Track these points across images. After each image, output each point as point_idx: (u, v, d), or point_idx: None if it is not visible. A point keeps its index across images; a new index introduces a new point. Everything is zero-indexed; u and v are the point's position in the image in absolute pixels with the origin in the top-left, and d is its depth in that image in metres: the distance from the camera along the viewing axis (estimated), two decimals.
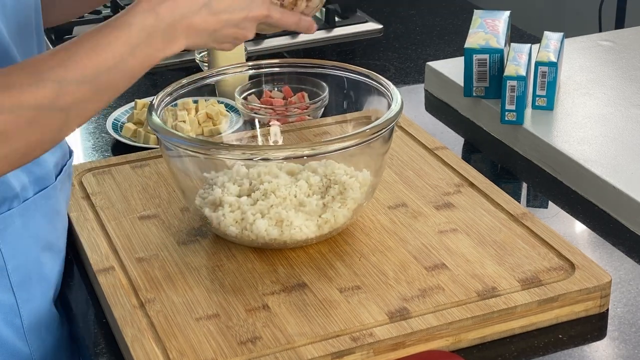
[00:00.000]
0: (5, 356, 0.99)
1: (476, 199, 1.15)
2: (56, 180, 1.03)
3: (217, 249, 1.07)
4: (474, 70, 1.36)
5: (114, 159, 1.26)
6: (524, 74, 1.29)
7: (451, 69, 1.47)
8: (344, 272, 1.02)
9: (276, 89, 1.32)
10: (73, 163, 1.14)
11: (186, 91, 1.15)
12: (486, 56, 1.35)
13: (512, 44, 1.37)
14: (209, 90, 1.45)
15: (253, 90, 1.32)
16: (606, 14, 2.61)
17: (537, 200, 1.24)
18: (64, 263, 1.08)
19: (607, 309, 1.00)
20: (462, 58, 1.37)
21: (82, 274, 1.09)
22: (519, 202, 1.16)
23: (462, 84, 1.39)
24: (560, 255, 1.03)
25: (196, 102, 1.35)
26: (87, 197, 1.18)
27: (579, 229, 1.16)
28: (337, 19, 1.80)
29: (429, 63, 1.52)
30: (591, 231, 1.14)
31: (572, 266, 1.01)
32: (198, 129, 1.32)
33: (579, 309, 0.98)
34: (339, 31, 1.76)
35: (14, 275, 0.98)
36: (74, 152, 1.12)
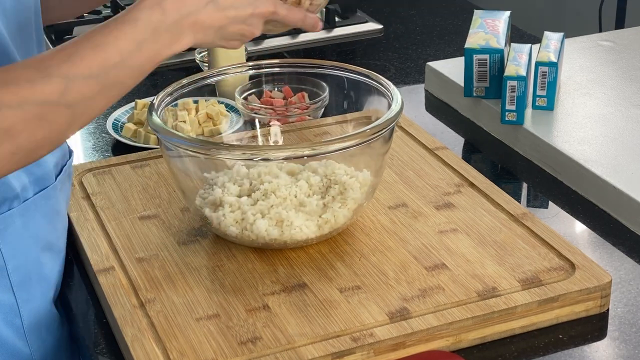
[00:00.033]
0: (5, 356, 0.99)
1: (476, 199, 1.15)
2: (56, 180, 1.03)
3: (218, 249, 1.06)
4: (474, 70, 1.36)
5: (114, 159, 1.26)
6: (524, 74, 1.29)
7: (451, 69, 1.47)
8: (344, 272, 1.02)
9: (276, 89, 1.32)
10: (73, 163, 1.14)
11: (186, 91, 1.15)
12: (486, 56, 1.35)
13: (512, 44, 1.37)
14: (209, 91, 1.45)
15: (253, 91, 1.32)
16: (606, 14, 2.61)
17: (537, 201, 1.24)
18: (64, 263, 1.08)
19: (608, 309, 1.00)
20: (463, 58, 1.37)
21: (82, 274, 1.09)
22: (519, 202, 1.16)
23: (462, 84, 1.39)
24: (560, 256, 1.03)
25: (196, 102, 1.35)
26: (88, 197, 1.18)
27: (579, 229, 1.16)
28: (337, 19, 1.80)
29: (429, 63, 1.52)
30: (591, 231, 1.14)
31: (573, 266, 1.01)
32: (198, 129, 1.32)
33: (580, 309, 0.98)
34: (339, 31, 1.76)
35: (14, 275, 0.98)
36: (74, 152, 1.12)
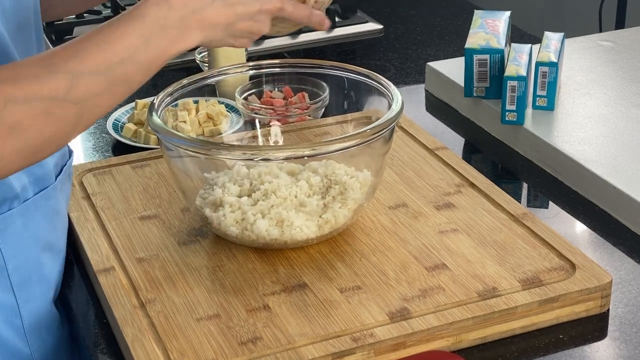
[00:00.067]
0: (5, 356, 0.99)
1: (477, 199, 1.15)
2: (56, 180, 1.03)
3: (218, 249, 1.06)
4: (475, 70, 1.36)
5: (115, 159, 1.26)
6: (524, 74, 1.29)
7: (452, 69, 1.47)
8: (345, 273, 1.02)
9: (277, 89, 1.32)
10: (73, 163, 1.14)
11: (187, 91, 1.15)
12: (487, 56, 1.35)
13: (512, 44, 1.37)
14: (210, 91, 1.45)
15: (253, 91, 1.32)
16: (606, 14, 2.61)
17: (537, 201, 1.24)
18: (64, 263, 1.08)
19: (608, 309, 1.00)
20: (463, 58, 1.37)
21: (83, 274, 1.09)
22: (520, 202, 1.16)
23: (462, 84, 1.39)
24: (560, 256, 1.03)
25: (197, 102, 1.35)
26: (88, 197, 1.18)
27: (580, 229, 1.16)
28: (337, 19, 1.80)
29: (429, 63, 1.52)
30: (592, 231, 1.14)
31: (573, 266, 1.01)
32: (198, 129, 1.32)
33: (580, 309, 0.98)
34: (339, 31, 1.76)
35: (14, 276, 0.98)
36: (74, 153, 1.12)
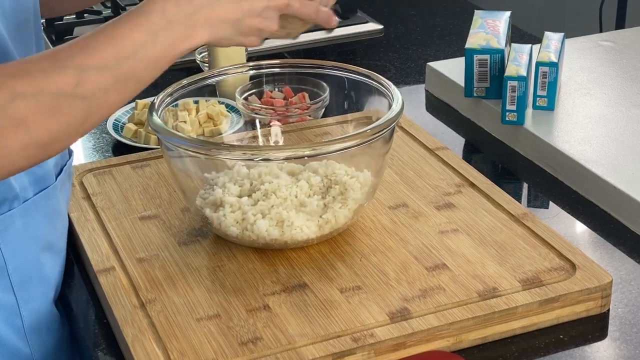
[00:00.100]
0: (6, 356, 0.99)
1: (477, 199, 1.15)
2: (56, 180, 1.03)
3: (218, 249, 1.06)
4: (475, 70, 1.36)
5: (115, 160, 1.26)
6: (524, 74, 1.29)
7: (452, 69, 1.47)
8: (345, 273, 1.02)
9: (277, 89, 1.32)
10: (74, 163, 1.14)
11: (187, 91, 1.15)
12: (487, 56, 1.35)
13: (512, 44, 1.37)
14: (210, 91, 1.45)
15: (254, 91, 1.32)
16: (607, 14, 2.61)
17: (537, 201, 1.24)
18: (65, 263, 1.08)
19: (608, 309, 1.00)
20: (463, 58, 1.37)
21: (83, 274, 1.09)
22: (520, 202, 1.16)
23: (462, 84, 1.39)
24: (561, 256, 1.03)
25: (197, 102, 1.35)
26: (88, 197, 1.18)
27: (580, 229, 1.16)
28: (337, 19, 1.79)
29: (429, 63, 1.52)
30: (592, 231, 1.14)
31: (573, 266, 1.01)
32: (199, 129, 1.32)
33: (580, 309, 0.98)
34: (339, 31, 1.76)
35: (15, 276, 0.98)
36: (75, 153, 1.12)
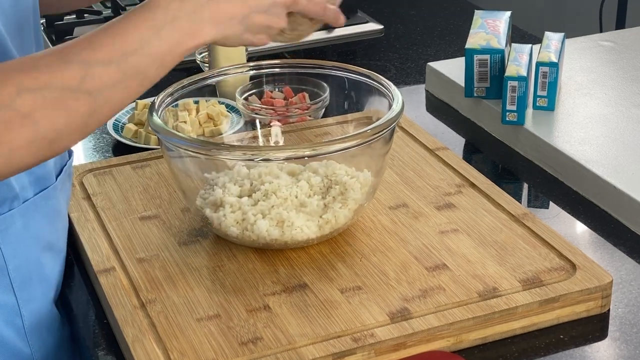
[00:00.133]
0: (6, 356, 0.99)
1: (477, 199, 1.15)
2: (56, 180, 1.03)
3: (218, 249, 1.06)
4: (475, 70, 1.36)
5: (115, 160, 1.26)
6: (524, 74, 1.29)
7: (452, 69, 1.47)
8: (345, 273, 1.02)
9: (277, 89, 1.32)
10: (74, 164, 1.14)
11: (187, 92, 1.15)
12: (487, 56, 1.35)
13: (513, 44, 1.37)
14: (210, 91, 1.45)
15: (254, 91, 1.32)
16: (607, 14, 2.62)
17: (538, 201, 1.24)
18: (65, 263, 1.08)
19: (609, 310, 1.00)
20: (463, 58, 1.37)
21: (83, 275, 1.09)
22: (520, 202, 1.16)
23: (463, 84, 1.39)
24: (561, 256, 1.03)
25: (197, 102, 1.35)
26: (88, 197, 1.18)
27: (580, 229, 1.16)
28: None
29: (429, 63, 1.52)
30: (592, 231, 1.14)
31: (573, 266, 1.01)
32: (199, 129, 1.32)
33: (580, 310, 0.98)
34: (339, 32, 1.76)
35: (15, 276, 0.98)
36: (75, 153, 1.12)
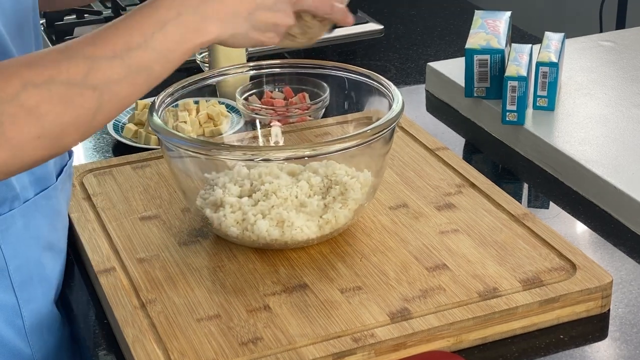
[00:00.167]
0: (6, 357, 0.99)
1: (477, 199, 1.15)
2: (57, 180, 1.03)
3: (218, 249, 1.06)
4: (475, 70, 1.36)
5: (115, 160, 1.26)
6: (525, 74, 1.29)
7: (452, 69, 1.47)
8: (345, 273, 1.02)
9: (277, 89, 1.32)
10: (74, 164, 1.14)
11: (187, 92, 1.15)
12: (487, 56, 1.35)
13: (513, 44, 1.37)
14: (210, 91, 1.45)
15: (254, 91, 1.32)
16: (607, 15, 2.62)
17: (538, 201, 1.24)
18: (65, 264, 1.08)
19: (609, 310, 1.00)
20: (463, 58, 1.37)
21: (83, 275, 1.09)
22: (520, 202, 1.16)
23: (463, 84, 1.39)
24: (561, 256, 1.03)
25: (197, 102, 1.35)
26: (88, 197, 1.18)
27: (580, 229, 1.16)
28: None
29: (429, 63, 1.52)
30: (592, 232, 1.14)
31: (574, 266, 1.01)
32: (199, 129, 1.32)
33: (580, 310, 0.98)
34: (339, 32, 1.76)
35: (16, 276, 0.98)
36: (75, 153, 1.12)
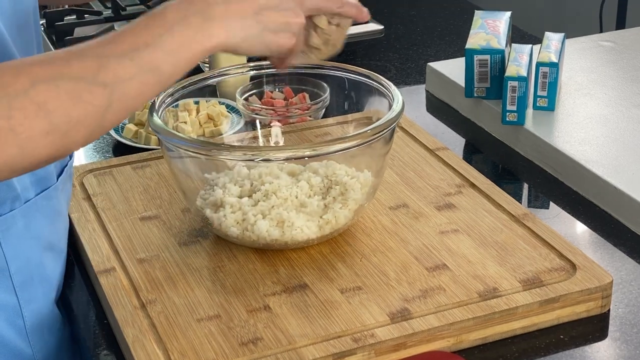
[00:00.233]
0: (7, 357, 0.99)
1: (477, 199, 1.15)
2: (57, 180, 1.03)
3: (218, 249, 1.07)
4: (475, 70, 1.36)
5: (115, 160, 1.26)
6: (525, 74, 1.29)
7: (452, 69, 1.47)
8: (345, 273, 1.02)
9: (277, 89, 1.32)
10: (74, 164, 1.14)
11: (187, 92, 1.15)
12: (487, 57, 1.35)
13: (513, 44, 1.37)
14: (210, 91, 1.45)
15: (254, 91, 1.32)
16: (607, 15, 2.62)
17: (538, 201, 1.24)
18: (65, 264, 1.08)
19: (609, 310, 1.00)
20: (463, 59, 1.37)
21: (83, 275, 1.09)
22: (520, 202, 1.16)
23: (463, 84, 1.39)
24: (561, 256, 1.03)
25: (197, 103, 1.35)
26: (88, 198, 1.18)
27: (580, 229, 1.16)
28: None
29: (430, 64, 1.52)
30: (592, 232, 1.14)
31: (574, 267, 1.01)
32: (199, 129, 1.32)
33: (581, 310, 0.98)
34: None
35: (17, 276, 0.98)
36: (75, 153, 1.12)
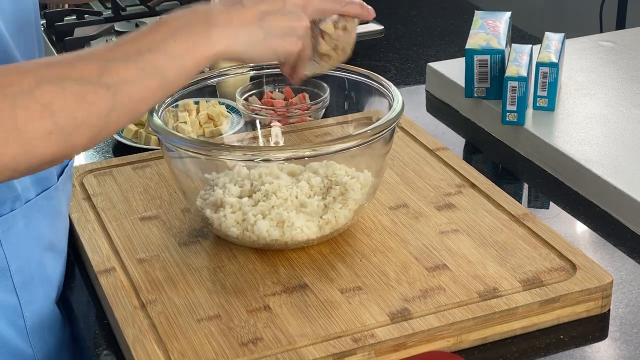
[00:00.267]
0: (8, 357, 0.99)
1: (477, 199, 1.15)
2: (58, 181, 1.03)
3: (218, 250, 1.07)
4: (475, 71, 1.36)
5: (115, 160, 1.26)
6: (525, 74, 1.29)
7: (452, 69, 1.47)
8: (345, 273, 1.02)
9: (277, 89, 1.32)
10: (74, 164, 1.14)
11: (187, 92, 1.15)
12: (487, 57, 1.35)
13: (513, 44, 1.37)
14: (210, 91, 1.45)
15: (254, 91, 1.32)
16: (607, 15, 2.62)
17: (538, 201, 1.24)
18: (66, 264, 1.08)
19: (609, 310, 1.00)
20: (463, 59, 1.37)
21: (84, 275, 1.09)
22: (520, 202, 1.16)
23: (463, 84, 1.39)
24: (561, 256, 1.03)
25: (197, 103, 1.35)
26: (88, 198, 1.18)
27: (580, 229, 1.16)
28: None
29: (430, 64, 1.52)
30: (592, 232, 1.14)
31: (574, 267, 1.01)
32: (199, 130, 1.32)
33: (581, 310, 0.98)
34: None
35: (17, 276, 0.98)
36: None
